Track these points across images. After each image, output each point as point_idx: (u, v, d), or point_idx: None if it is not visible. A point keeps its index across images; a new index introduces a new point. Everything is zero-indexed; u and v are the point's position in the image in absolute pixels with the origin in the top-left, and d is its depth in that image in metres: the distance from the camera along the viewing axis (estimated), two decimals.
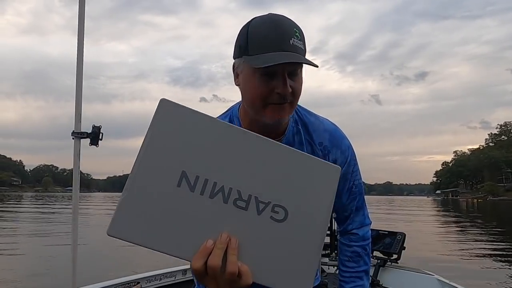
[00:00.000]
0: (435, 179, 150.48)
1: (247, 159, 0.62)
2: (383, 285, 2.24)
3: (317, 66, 0.89)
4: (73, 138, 2.00)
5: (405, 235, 2.29)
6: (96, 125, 2.07)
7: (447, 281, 2.05)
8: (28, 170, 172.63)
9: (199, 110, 0.64)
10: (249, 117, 0.98)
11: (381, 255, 2.32)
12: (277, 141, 0.96)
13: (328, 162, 0.66)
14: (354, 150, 1.11)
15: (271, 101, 0.88)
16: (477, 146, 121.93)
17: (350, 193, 1.11)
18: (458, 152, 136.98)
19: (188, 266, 2.31)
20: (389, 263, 2.29)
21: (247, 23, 0.90)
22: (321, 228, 0.62)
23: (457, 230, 14.97)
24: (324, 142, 1.04)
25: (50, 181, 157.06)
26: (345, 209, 1.13)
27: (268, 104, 0.89)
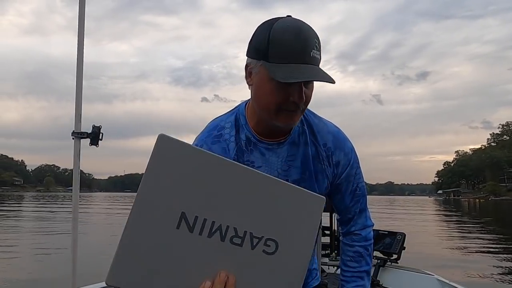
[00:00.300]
0: (436, 179, 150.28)
1: (241, 194, 0.63)
2: (383, 285, 2.24)
3: (334, 83, 0.89)
4: (73, 138, 2.01)
5: (405, 235, 2.29)
6: (96, 125, 2.08)
7: (447, 281, 2.05)
8: (30, 170, 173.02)
9: (197, 147, 0.67)
10: (256, 117, 1.00)
11: (381, 255, 2.32)
12: (283, 140, 1.02)
13: (314, 193, 0.67)
14: (357, 153, 1.13)
15: (285, 108, 0.91)
16: (479, 146, 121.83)
17: (354, 196, 1.13)
18: (460, 152, 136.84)
19: None
20: (389, 263, 2.29)
21: (269, 25, 0.89)
22: (307, 256, 0.64)
23: (459, 230, 14.95)
24: (328, 144, 1.06)
25: (52, 181, 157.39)
26: (349, 211, 1.15)
27: (282, 110, 0.91)
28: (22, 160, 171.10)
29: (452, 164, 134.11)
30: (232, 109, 1.09)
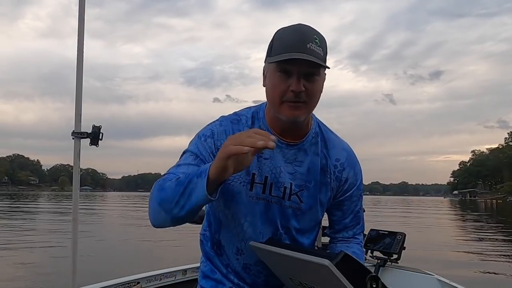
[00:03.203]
0: (452, 179, 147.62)
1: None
2: None
3: (328, 67, 0.98)
4: (73, 138, 2.03)
5: (405, 235, 2.27)
6: (96, 125, 2.11)
7: (447, 281, 2.02)
8: (45, 169, 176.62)
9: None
10: (271, 115, 1.07)
11: (381, 255, 2.29)
12: (295, 145, 1.09)
13: (317, 261, 0.85)
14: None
15: (287, 99, 0.97)
16: (496, 146, 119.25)
17: (355, 217, 1.17)
18: (476, 151, 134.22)
19: (188, 266, 2.32)
20: (389, 263, 2.27)
21: (276, 31, 1.00)
22: None
23: (476, 231, 14.65)
24: (341, 159, 1.12)
25: (66, 180, 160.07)
26: (346, 231, 1.18)
27: (284, 102, 0.98)
28: (37, 160, 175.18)
29: (468, 164, 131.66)
30: (255, 105, 1.16)
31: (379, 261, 2.29)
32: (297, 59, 0.91)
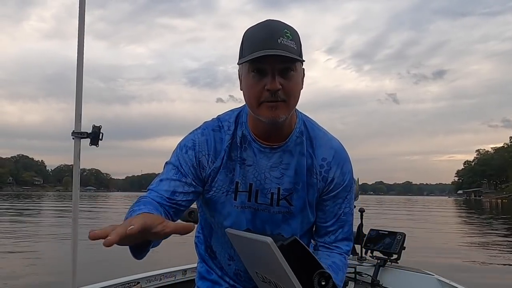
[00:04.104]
0: (456, 178, 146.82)
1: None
2: (383, 285, 2.21)
3: (303, 61, 0.92)
4: (73, 138, 2.03)
5: (405, 235, 2.26)
6: (96, 125, 2.11)
7: (447, 281, 2.01)
8: (50, 170, 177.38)
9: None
10: (253, 118, 1.02)
11: (381, 255, 2.29)
12: (278, 147, 1.03)
13: (259, 238, 0.87)
14: (354, 179, 1.11)
15: (264, 99, 0.92)
16: (501, 145, 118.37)
17: (337, 220, 1.08)
18: (481, 150, 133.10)
19: (188, 266, 2.33)
20: (389, 263, 2.26)
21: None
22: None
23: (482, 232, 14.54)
24: (328, 158, 1.05)
25: (70, 180, 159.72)
26: (328, 235, 1.10)
27: (262, 103, 0.92)
28: (42, 161, 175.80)
29: (473, 164, 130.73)
30: (238, 107, 1.11)
31: (379, 261, 2.29)
32: (269, 56, 0.86)
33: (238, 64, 0.96)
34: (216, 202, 1.04)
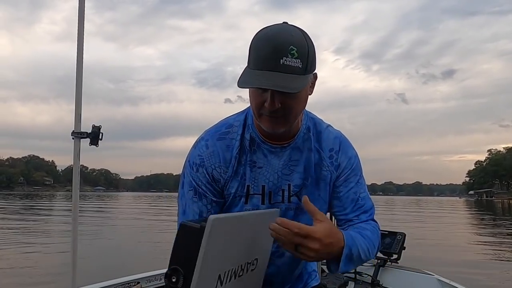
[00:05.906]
0: (467, 179, 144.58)
1: (250, 235, 0.88)
2: (383, 285, 2.20)
3: (291, 92, 0.85)
4: (73, 138, 2.05)
5: (405, 235, 2.24)
6: (96, 124, 2.13)
7: (447, 281, 1.99)
8: (60, 170, 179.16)
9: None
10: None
11: (381, 255, 2.27)
12: (286, 145, 1.04)
13: (268, 210, 0.97)
14: (361, 163, 1.12)
15: (263, 112, 0.92)
16: None
17: (356, 205, 1.06)
18: (492, 150, 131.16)
19: None
20: (389, 263, 2.25)
21: (256, 33, 0.91)
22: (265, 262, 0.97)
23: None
24: (335, 148, 1.08)
25: (80, 181, 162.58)
26: (350, 223, 1.05)
27: (262, 114, 0.93)
28: (52, 161, 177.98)
29: (485, 164, 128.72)
30: (244, 109, 1.10)
31: (379, 261, 2.27)
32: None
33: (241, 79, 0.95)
34: (228, 207, 1.05)
